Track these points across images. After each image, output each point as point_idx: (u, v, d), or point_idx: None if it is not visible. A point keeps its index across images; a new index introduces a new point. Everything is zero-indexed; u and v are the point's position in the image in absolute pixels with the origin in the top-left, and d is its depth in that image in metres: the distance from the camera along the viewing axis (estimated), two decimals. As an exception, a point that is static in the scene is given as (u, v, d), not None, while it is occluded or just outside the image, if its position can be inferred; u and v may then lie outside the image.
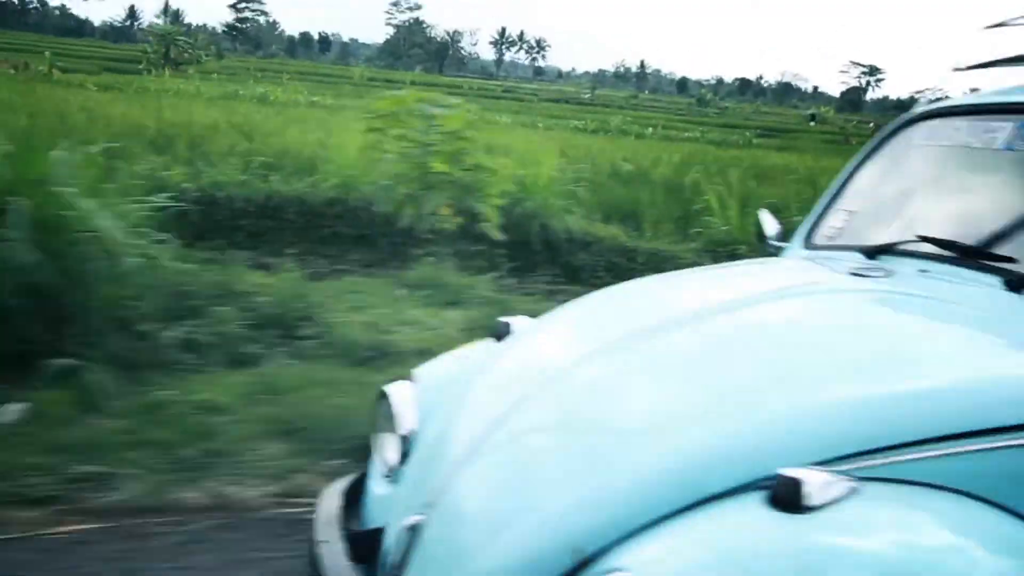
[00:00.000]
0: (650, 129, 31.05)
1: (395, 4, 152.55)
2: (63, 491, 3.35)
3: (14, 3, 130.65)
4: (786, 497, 1.48)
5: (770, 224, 3.08)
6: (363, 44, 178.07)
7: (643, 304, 2.41)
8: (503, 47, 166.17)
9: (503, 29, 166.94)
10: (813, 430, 1.66)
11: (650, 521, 1.54)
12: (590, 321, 2.36)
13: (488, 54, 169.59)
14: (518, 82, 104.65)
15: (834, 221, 2.86)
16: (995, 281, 2.18)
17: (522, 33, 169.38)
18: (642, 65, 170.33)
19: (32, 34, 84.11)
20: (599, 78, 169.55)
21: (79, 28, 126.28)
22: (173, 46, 50.06)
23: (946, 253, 2.35)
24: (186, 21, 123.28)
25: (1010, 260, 2.22)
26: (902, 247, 2.47)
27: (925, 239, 2.41)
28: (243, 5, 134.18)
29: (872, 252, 2.52)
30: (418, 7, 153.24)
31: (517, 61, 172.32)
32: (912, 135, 2.86)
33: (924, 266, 2.37)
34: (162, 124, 9.66)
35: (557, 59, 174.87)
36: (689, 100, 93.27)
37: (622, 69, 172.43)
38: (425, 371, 2.41)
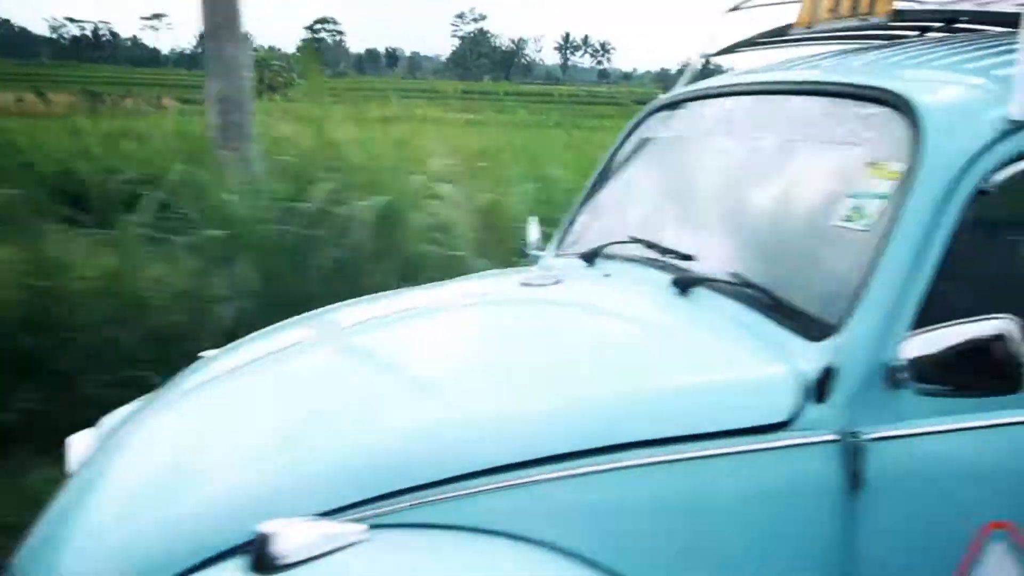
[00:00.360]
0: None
1: (460, 16, 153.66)
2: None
3: (88, 37, 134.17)
4: (260, 556, 1.35)
5: (533, 233, 2.90)
6: (425, 57, 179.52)
7: (297, 331, 2.29)
8: (568, 52, 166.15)
9: (567, 34, 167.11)
10: (325, 475, 1.51)
11: None
12: (247, 349, 2.24)
13: (551, 59, 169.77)
14: (589, 86, 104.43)
15: (579, 225, 2.77)
16: (667, 281, 2.07)
17: (586, 37, 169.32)
18: (707, 60, 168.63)
19: (107, 66, 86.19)
20: (662, 77, 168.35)
21: (154, 58, 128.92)
22: (268, 71, 51.01)
23: (649, 253, 2.28)
24: (255, 44, 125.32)
25: (688, 258, 2.13)
26: (610, 249, 2.41)
27: (634, 240, 2.35)
28: (319, 26, 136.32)
29: (589, 256, 2.45)
30: (483, 17, 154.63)
31: (579, 65, 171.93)
32: (648, 128, 2.76)
33: (615, 268, 2.31)
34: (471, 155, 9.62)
35: (616, 60, 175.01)
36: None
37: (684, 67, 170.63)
38: (110, 416, 2.26)
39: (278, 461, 1.57)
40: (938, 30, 2.59)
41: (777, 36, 2.69)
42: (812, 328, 1.73)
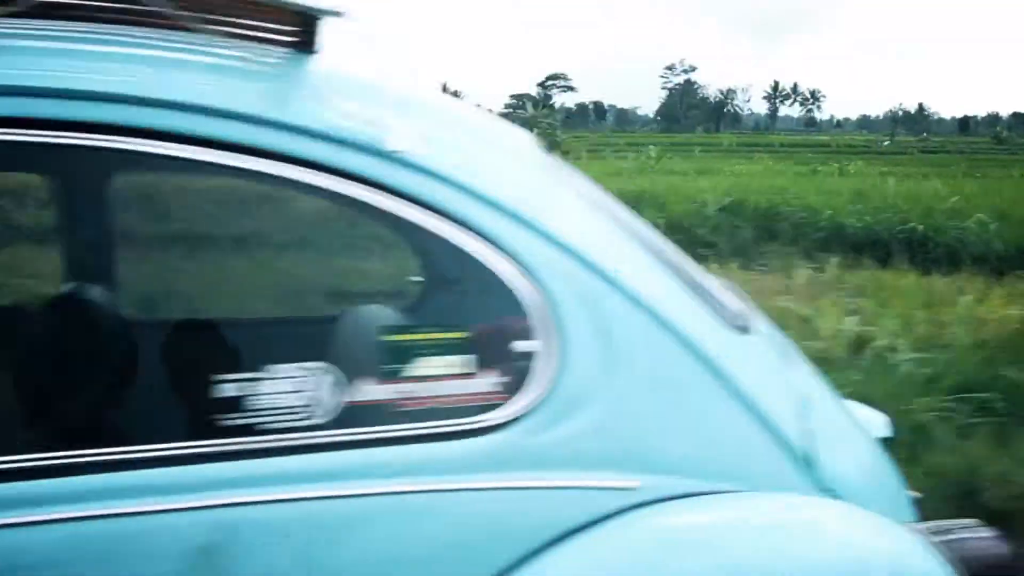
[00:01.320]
0: None
1: (670, 68, 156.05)
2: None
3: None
4: None
5: None
6: (631, 110, 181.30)
7: None
8: (777, 101, 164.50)
9: (776, 83, 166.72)
10: None
11: None
12: None
13: (759, 108, 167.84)
14: (803, 135, 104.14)
15: None
16: None
17: (795, 85, 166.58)
18: (920, 107, 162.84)
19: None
20: (864, 124, 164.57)
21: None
22: (536, 127, 53.76)
23: None
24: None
25: None
26: None
27: None
28: (550, 82, 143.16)
29: None
30: (693, 69, 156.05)
31: (789, 115, 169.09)
32: None
33: None
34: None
35: (825, 108, 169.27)
36: (982, 139, 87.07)
37: (899, 112, 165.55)
38: None
39: None
40: None
41: None
42: None
